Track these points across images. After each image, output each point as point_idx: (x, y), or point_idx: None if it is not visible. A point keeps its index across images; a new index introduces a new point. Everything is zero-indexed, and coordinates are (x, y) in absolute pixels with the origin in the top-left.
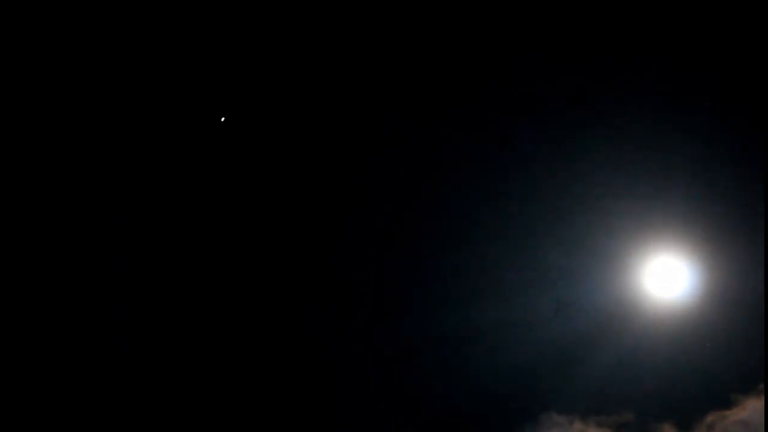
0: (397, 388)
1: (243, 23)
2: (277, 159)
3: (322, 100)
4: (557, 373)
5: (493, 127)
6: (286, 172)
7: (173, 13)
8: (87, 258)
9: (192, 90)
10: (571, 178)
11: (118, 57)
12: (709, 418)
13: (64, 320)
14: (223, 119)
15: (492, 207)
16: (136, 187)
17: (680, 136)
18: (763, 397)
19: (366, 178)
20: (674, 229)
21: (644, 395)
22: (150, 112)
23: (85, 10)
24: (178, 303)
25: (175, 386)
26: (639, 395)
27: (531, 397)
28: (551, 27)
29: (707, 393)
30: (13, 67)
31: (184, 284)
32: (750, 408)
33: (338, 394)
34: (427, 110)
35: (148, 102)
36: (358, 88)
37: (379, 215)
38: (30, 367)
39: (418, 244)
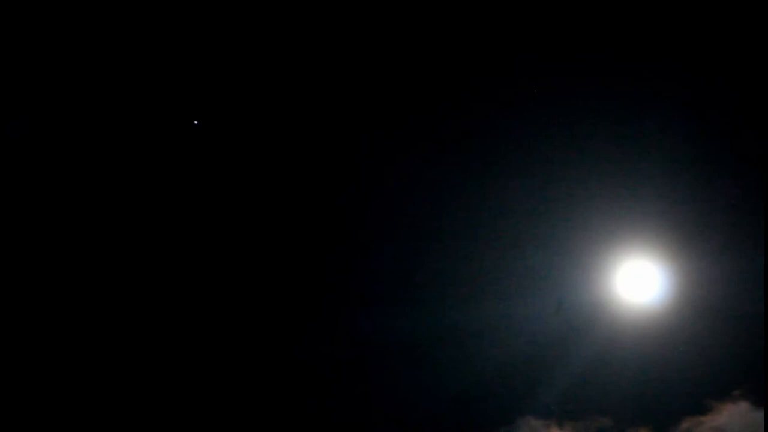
0: (372, 391)
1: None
2: (272, 156)
3: (318, 97)
4: (534, 377)
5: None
6: (281, 168)
7: (164, 13)
8: (81, 258)
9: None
10: (545, 180)
11: (111, 57)
12: (685, 423)
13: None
14: (195, 122)
15: (461, 211)
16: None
17: (656, 140)
18: (739, 403)
19: (362, 176)
20: (648, 233)
21: (621, 400)
22: (143, 113)
23: (81, 10)
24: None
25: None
26: (615, 400)
27: (508, 401)
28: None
29: (683, 398)
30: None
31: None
32: (726, 414)
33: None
34: (428, 110)
35: (142, 103)
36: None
37: (365, 215)
38: (21, 367)
39: (392, 247)
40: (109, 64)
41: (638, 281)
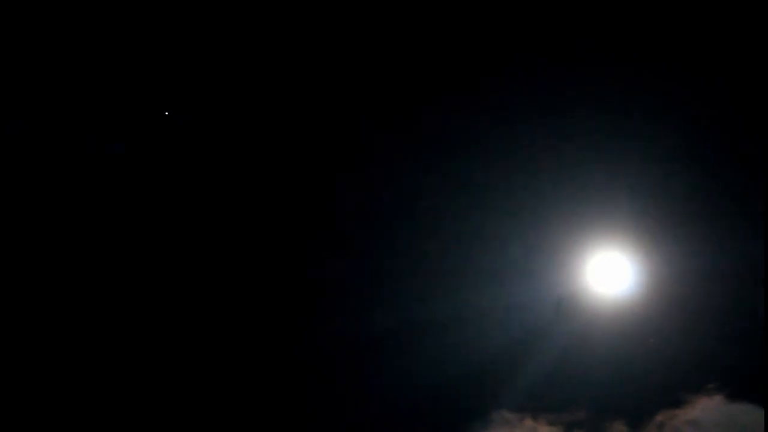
0: (344, 384)
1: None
2: (260, 153)
3: (309, 95)
4: (507, 371)
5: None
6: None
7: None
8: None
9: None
10: (518, 173)
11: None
12: (660, 417)
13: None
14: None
15: (435, 205)
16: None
17: (631, 132)
18: (713, 397)
19: (343, 170)
20: (622, 225)
21: (595, 393)
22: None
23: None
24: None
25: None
26: (589, 393)
27: (481, 394)
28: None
29: (657, 391)
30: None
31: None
32: (700, 407)
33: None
34: (408, 106)
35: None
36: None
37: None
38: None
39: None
40: (109, 64)
41: (612, 274)
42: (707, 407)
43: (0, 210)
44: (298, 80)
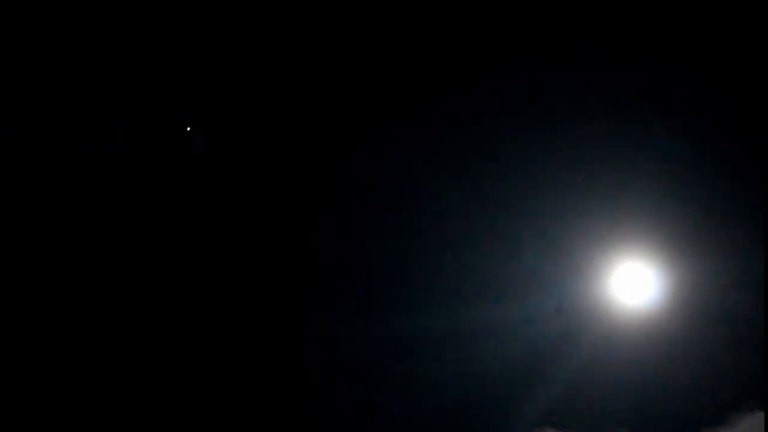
0: (345, 402)
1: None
2: (257, 153)
3: (306, 93)
4: (525, 386)
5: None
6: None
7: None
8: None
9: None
10: (539, 181)
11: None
12: None
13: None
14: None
15: (452, 212)
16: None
17: (652, 140)
18: (756, 414)
19: (353, 176)
20: (645, 235)
21: (624, 410)
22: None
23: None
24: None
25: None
26: (618, 410)
27: (504, 409)
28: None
29: (694, 409)
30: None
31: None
32: (743, 425)
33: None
34: (414, 107)
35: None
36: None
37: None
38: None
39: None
40: (109, 64)
41: (637, 284)
42: (750, 424)
43: (0, 210)
44: (295, 78)
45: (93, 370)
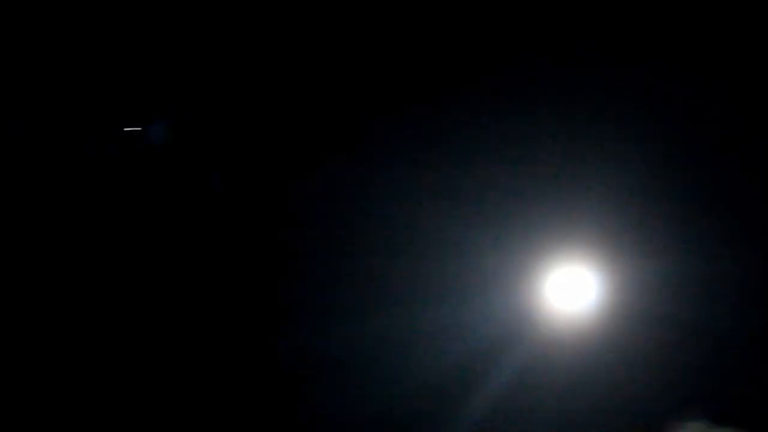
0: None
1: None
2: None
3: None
4: (463, 391)
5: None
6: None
7: None
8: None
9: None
10: (470, 183)
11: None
12: None
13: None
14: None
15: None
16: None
17: (588, 142)
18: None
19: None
20: (581, 238)
21: (563, 416)
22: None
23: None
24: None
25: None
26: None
27: (434, 417)
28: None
29: (632, 416)
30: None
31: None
32: None
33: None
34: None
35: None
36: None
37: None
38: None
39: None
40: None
41: (576, 288)
42: (693, 431)
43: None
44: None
45: (93, 369)
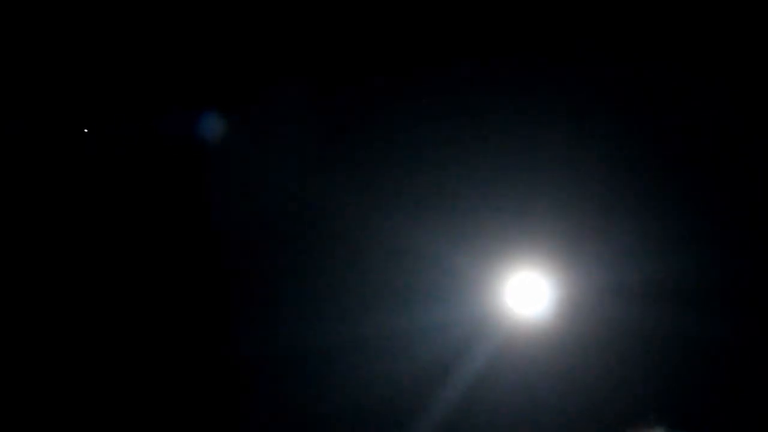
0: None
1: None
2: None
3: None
4: (415, 399)
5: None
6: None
7: None
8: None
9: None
10: (425, 185)
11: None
12: None
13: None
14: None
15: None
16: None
17: (546, 144)
18: (653, 428)
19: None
20: (538, 243)
21: (520, 422)
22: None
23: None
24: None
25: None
26: (515, 422)
27: (385, 427)
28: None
29: (588, 424)
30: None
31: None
32: None
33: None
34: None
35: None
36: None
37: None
38: None
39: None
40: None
41: (533, 293)
42: None
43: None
44: None
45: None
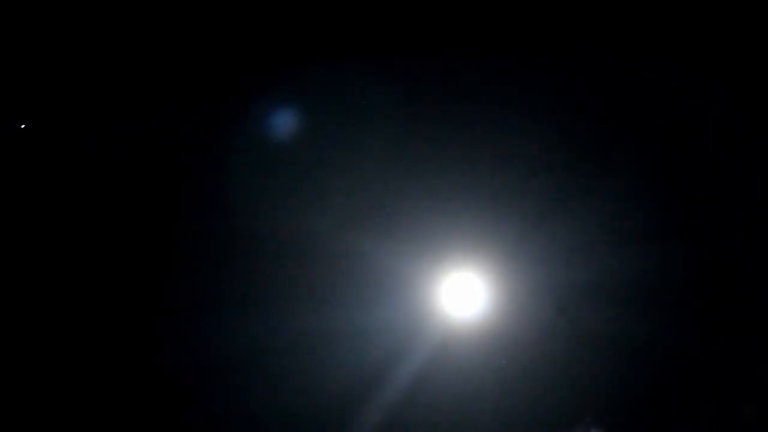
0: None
1: None
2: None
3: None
4: (354, 401)
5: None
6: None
7: None
8: None
9: None
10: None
11: None
12: None
13: None
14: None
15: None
16: None
17: (480, 142)
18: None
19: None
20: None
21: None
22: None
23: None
24: None
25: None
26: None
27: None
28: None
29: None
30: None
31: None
32: None
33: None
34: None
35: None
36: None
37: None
38: None
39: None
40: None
41: (470, 294)
42: None
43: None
44: None
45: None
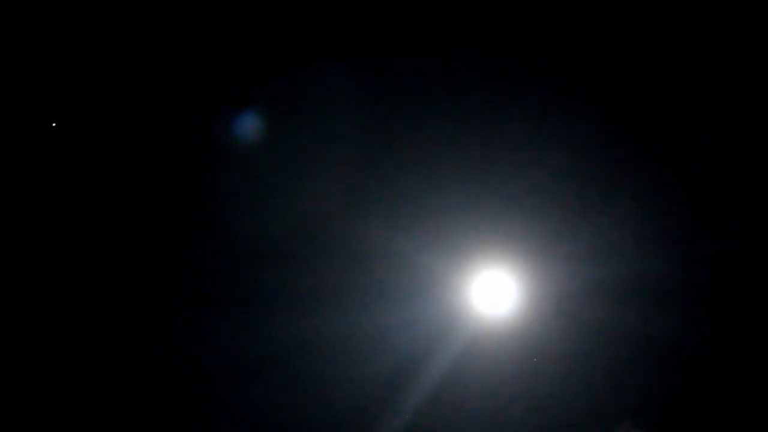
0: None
1: None
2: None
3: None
4: (383, 400)
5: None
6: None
7: None
8: None
9: None
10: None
11: None
12: None
13: None
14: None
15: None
16: None
17: (511, 143)
18: None
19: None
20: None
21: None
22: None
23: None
24: None
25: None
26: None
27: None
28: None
29: (564, 426)
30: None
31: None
32: None
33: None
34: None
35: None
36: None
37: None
38: None
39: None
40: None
41: (502, 292)
42: None
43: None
44: None
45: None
